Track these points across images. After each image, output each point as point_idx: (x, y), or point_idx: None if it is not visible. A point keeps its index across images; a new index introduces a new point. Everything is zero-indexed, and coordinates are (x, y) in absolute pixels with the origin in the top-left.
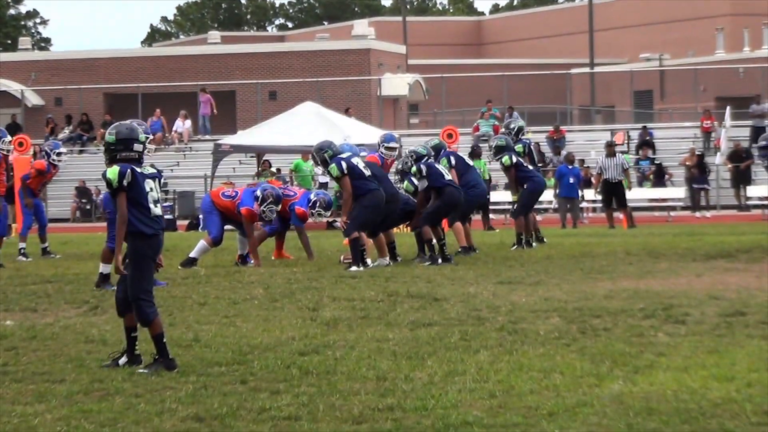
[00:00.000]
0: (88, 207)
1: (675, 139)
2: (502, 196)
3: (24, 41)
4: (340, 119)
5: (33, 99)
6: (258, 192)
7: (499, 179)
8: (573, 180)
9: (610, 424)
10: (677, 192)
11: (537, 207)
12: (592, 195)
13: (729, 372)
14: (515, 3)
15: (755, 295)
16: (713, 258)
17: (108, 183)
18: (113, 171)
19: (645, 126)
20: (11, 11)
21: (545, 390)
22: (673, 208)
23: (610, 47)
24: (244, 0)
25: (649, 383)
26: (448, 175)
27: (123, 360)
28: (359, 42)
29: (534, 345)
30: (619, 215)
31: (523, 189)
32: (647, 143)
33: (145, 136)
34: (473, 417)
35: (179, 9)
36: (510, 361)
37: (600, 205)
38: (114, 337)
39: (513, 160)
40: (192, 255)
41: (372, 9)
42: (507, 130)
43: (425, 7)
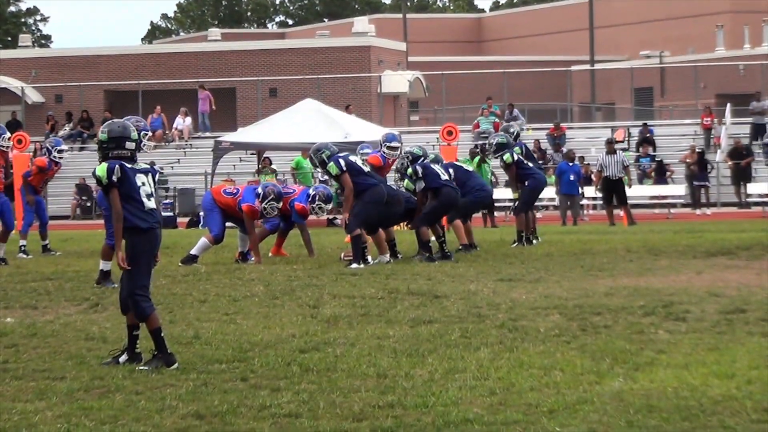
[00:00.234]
0: (88, 204)
1: (675, 137)
2: (502, 193)
3: (24, 38)
4: (340, 116)
5: (33, 96)
6: (259, 189)
7: (500, 176)
8: (573, 177)
9: (610, 421)
10: (677, 189)
11: (537, 204)
12: (592, 192)
13: (729, 369)
14: (515, 0)
15: (755, 293)
16: (713, 255)
17: (98, 180)
18: (101, 168)
19: (645, 123)
20: (11, 8)
21: (545, 387)
22: (674, 205)
23: (610, 44)
24: None
25: (650, 380)
26: (444, 175)
27: (123, 358)
28: (359, 39)
29: (534, 342)
30: (620, 212)
31: (525, 186)
32: (647, 140)
33: (144, 132)
34: (473, 414)
35: (179, 6)
36: (510, 359)
37: (600, 203)
38: (114, 335)
39: (514, 157)
40: (193, 252)
41: (372, 6)
42: (506, 134)
43: (425, 4)
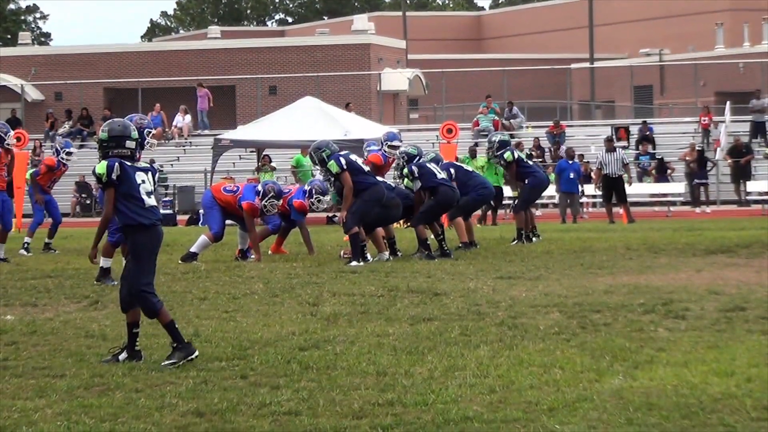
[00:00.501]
0: (88, 202)
1: (675, 134)
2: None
3: (24, 36)
4: (339, 114)
5: (33, 94)
6: (259, 186)
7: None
8: (573, 175)
9: (610, 419)
10: (677, 187)
11: (537, 202)
12: (592, 190)
13: (729, 367)
14: None
15: (755, 291)
16: (713, 253)
17: (98, 178)
18: (102, 166)
19: (645, 121)
20: (11, 6)
21: (545, 385)
22: (673, 203)
23: (610, 42)
24: None
25: (649, 378)
26: (440, 174)
27: (123, 356)
28: (359, 37)
29: (534, 340)
30: (619, 210)
31: (525, 184)
32: (647, 138)
33: (148, 130)
34: (473, 412)
35: (179, 4)
36: (510, 356)
37: (600, 200)
38: (114, 332)
39: (514, 155)
40: (192, 250)
41: (372, 4)
42: (490, 144)
43: (425, 2)
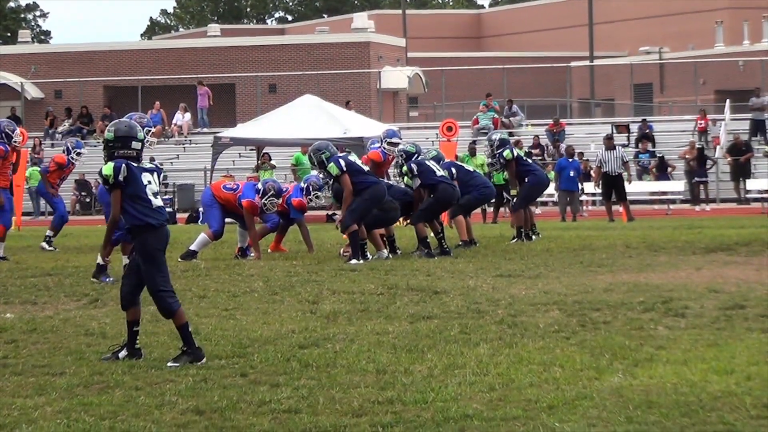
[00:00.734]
0: (87, 200)
1: (675, 132)
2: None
3: (24, 34)
4: (339, 112)
5: (33, 92)
6: (259, 185)
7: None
8: (573, 173)
9: (609, 417)
10: (677, 185)
11: (537, 200)
12: (591, 188)
13: (728, 365)
14: None
15: (755, 288)
16: (713, 251)
17: (104, 180)
18: (108, 167)
19: (645, 119)
20: (11, 4)
21: (545, 383)
22: (673, 201)
23: (609, 40)
24: None
25: (649, 376)
26: (440, 172)
27: (123, 353)
28: (359, 35)
29: (534, 338)
30: (619, 208)
31: (525, 182)
32: (647, 136)
33: (148, 129)
34: (473, 410)
35: (179, 2)
36: (510, 354)
37: (600, 198)
38: (114, 330)
39: (514, 153)
40: (192, 248)
41: (371, 2)
42: (489, 141)
43: (425, 0)
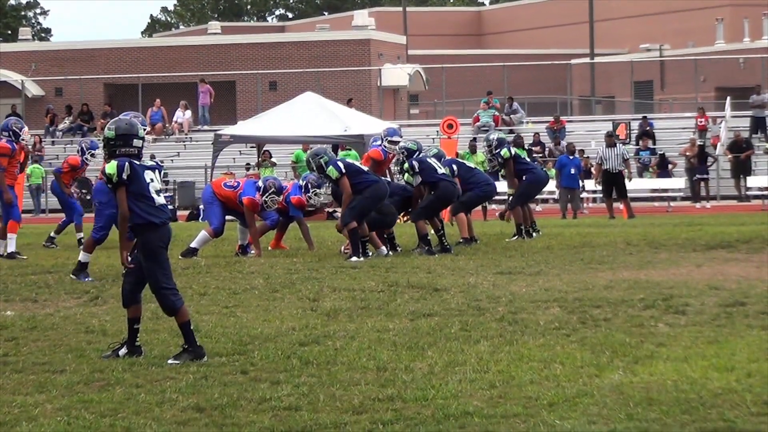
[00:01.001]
0: (88, 197)
1: (675, 130)
2: (502, 186)
3: (24, 32)
4: (340, 110)
5: (33, 89)
6: (260, 182)
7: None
8: (574, 170)
9: (610, 414)
10: (677, 182)
11: (537, 197)
12: (592, 185)
13: (729, 362)
14: None
15: (755, 286)
16: (713, 248)
17: (108, 178)
18: (111, 166)
19: (645, 116)
20: (11, 1)
21: (545, 380)
22: (673, 198)
23: (610, 37)
24: None
25: (649, 373)
26: (441, 169)
27: (123, 351)
28: (359, 32)
29: (534, 335)
30: (619, 205)
31: (523, 180)
32: (647, 134)
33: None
34: (473, 407)
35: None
36: (510, 352)
37: (600, 196)
38: (114, 328)
39: (511, 152)
40: (193, 245)
41: None
42: (487, 141)
43: None
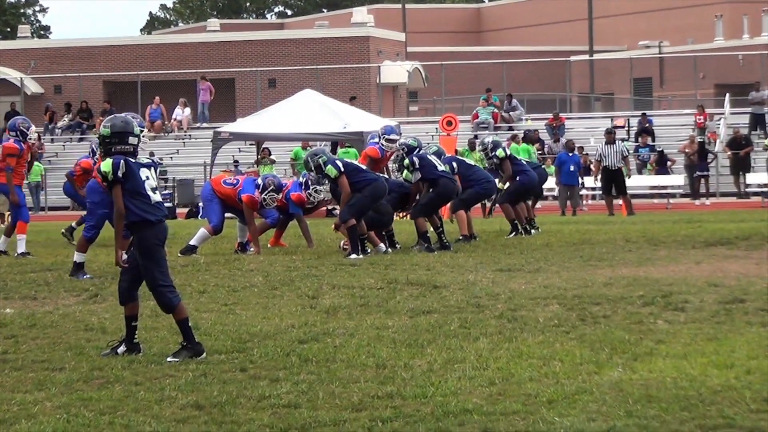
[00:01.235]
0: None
1: (674, 126)
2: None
3: (23, 29)
4: (339, 107)
5: (32, 87)
6: (259, 180)
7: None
8: (573, 167)
9: (609, 411)
10: (676, 179)
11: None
12: (591, 182)
13: (728, 359)
14: None
15: (754, 282)
16: (712, 245)
17: (103, 176)
18: (107, 164)
19: (644, 113)
20: None
21: (545, 377)
22: (673, 195)
23: (609, 34)
24: None
25: (649, 370)
26: (441, 166)
27: (122, 349)
28: (358, 29)
29: (533, 332)
30: (619, 202)
31: (516, 180)
32: (646, 130)
33: (141, 129)
34: (473, 404)
35: None
36: (509, 349)
37: (599, 193)
38: (113, 326)
39: (506, 152)
40: (192, 243)
41: None
42: (482, 146)
43: None
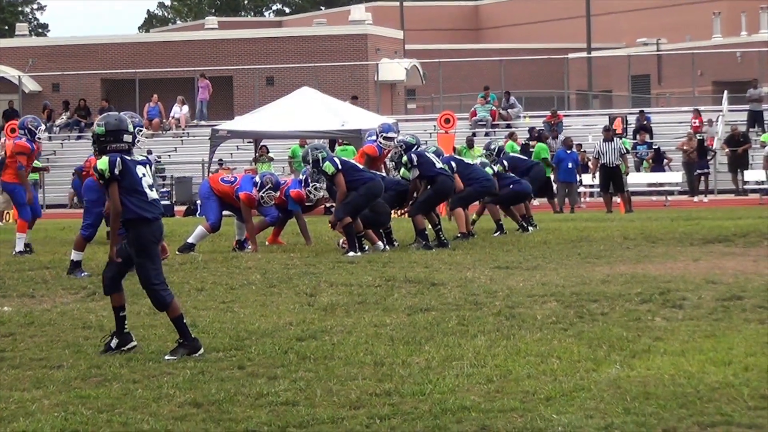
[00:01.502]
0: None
1: (672, 124)
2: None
3: (21, 27)
4: (337, 104)
5: (30, 85)
6: (257, 178)
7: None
8: (571, 165)
9: (607, 408)
10: (674, 177)
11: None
12: (589, 180)
13: (726, 356)
14: None
15: (752, 279)
16: (710, 242)
17: (100, 174)
18: (103, 161)
19: (642, 110)
20: None
21: (542, 375)
22: (671, 192)
23: (607, 32)
24: None
25: (647, 368)
26: (439, 164)
27: (114, 342)
28: (356, 27)
29: (531, 330)
30: (617, 200)
31: (510, 187)
32: (644, 128)
33: (139, 129)
34: (470, 402)
35: None
36: (507, 346)
37: (598, 190)
38: (111, 323)
39: (505, 166)
40: (190, 241)
41: None
42: (488, 151)
43: None
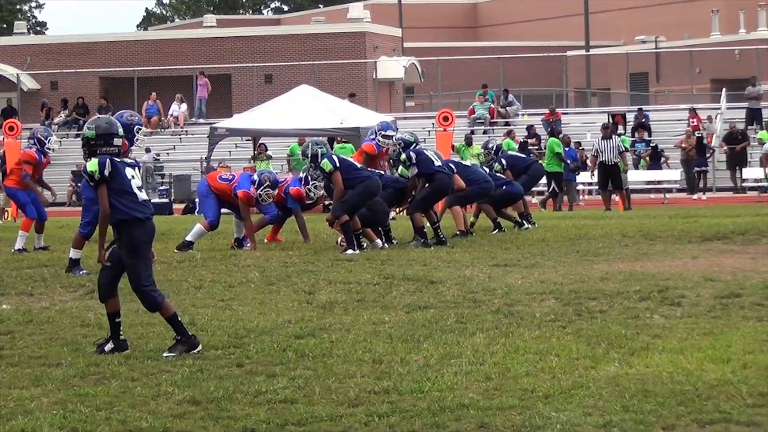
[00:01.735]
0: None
1: (671, 121)
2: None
3: (19, 25)
4: (335, 102)
5: (28, 83)
6: (255, 176)
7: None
8: (570, 162)
9: (605, 406)
10: (673, 174)
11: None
12: (588, 177)
13: (724, 354)
14: None
15: (750, 277)
16: (709, 240)
17: (90, 176)
18: (93, 163)
19: (641, 108)
20: None
21: (541, 372)
22: (669, 190)
23: (605, 29)
24: None
25: (645, 365)
26: (437, 162)
27: (109, 346)
28: (355, 25)
29: (530, 327)
30: (615, 197)
31: (502, 188)
32: (643, 125)
33: (138, 127)
34: (469, 399)
35: None
36: (506, 344)
37: (596, 188)
38: None
39: (503, 165)
40: (188, 238)
41: None
42: (486, 150)
43: None
